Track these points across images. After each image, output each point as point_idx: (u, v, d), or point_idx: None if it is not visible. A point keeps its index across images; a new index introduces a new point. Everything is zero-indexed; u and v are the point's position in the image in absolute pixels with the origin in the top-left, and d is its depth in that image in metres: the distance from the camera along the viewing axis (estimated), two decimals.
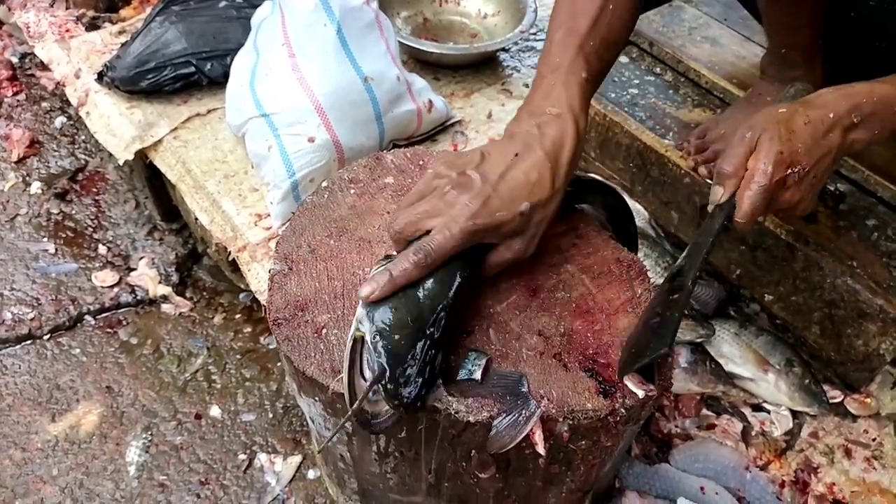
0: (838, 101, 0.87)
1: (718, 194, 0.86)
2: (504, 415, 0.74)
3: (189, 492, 1.36)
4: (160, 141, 1.57)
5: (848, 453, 1.16)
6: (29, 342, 1.58)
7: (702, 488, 1.06)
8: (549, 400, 0.76)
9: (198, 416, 1.48)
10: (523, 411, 0.74)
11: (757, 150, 0.83)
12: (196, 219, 1.52)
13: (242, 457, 1.42)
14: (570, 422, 0.75)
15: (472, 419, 0.75)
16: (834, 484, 1.13)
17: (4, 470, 1.37)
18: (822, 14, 1.12)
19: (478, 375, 0.77)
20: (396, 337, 0.70)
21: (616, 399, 0.76)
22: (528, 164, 0.79)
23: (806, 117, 0.85)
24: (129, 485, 1.37)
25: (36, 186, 1.88)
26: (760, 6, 1.19)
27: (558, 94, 0.85)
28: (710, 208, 0.87)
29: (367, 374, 0.70)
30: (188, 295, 1.71)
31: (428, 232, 0.76)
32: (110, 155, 1.64)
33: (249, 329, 1.64)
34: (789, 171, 0.82)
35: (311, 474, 1.38)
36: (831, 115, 0.85)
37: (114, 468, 1.39)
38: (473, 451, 0.80)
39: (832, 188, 1.25)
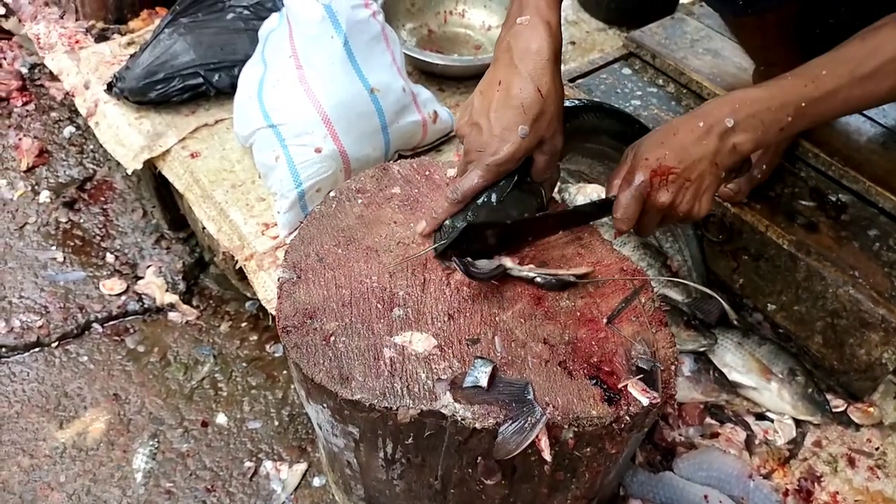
0: (711, 109, 0.91)
1: (606, 193, 0.95)
2: (510, 422, 0.76)
3: (195, 499, 1.37)
4: (168, 151, 1.59)
5: (851, 462, 1.17)
6: (37, 349, 1.59)
7: (705, 497, 1.07)
8: (554, 407, 0.77)
9: (204, 424, 1.49)
10: (529, 418, 0.75)
11: (630, 157, 0.93)
12: (203, 228, 1.54)
13: (248, 464, 1.42)
14: (576, 429, 0.76)
15: (478, 426, 0.76)
16: (837, 493, 1.13)
17: (13, 476, 1.38)
18: (789, 32, 1.14)
19: (484, 383, 0.78)
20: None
21: (620, 406, 0.77)
22: (512, 88, 0.87)
23: (675, 129, 0.92)
24: (135, 492, 1.38)
25: (45, 195, 1.90)
26: (731, 29, 1.21)
27: (526, 3, 0.91)
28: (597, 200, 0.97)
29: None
30: (195, 303, 1.72)
31: None
32: (118, 164, 1.66)
33: (255, 337, 1.65)
34: (654, 174, 0.89)
35: (316, 482, 1.39)
36: (701, 124, 0.90)
37: (121, 475, 1.40)
38: (479, 458, 0.81)
39: (834, 199, 1.26)
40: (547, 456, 0.76)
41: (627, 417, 0.77)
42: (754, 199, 1.25)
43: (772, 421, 1.21)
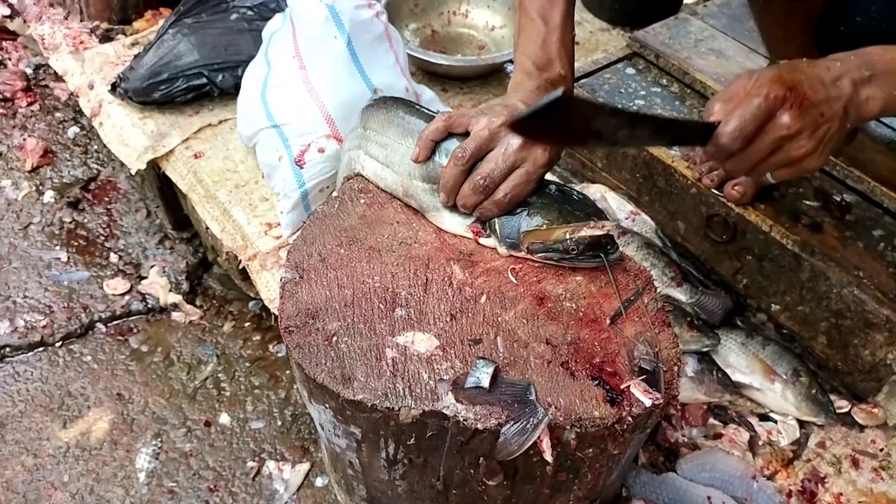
0: (848, 56, 0.85)
1: (708, 112, 0.82)
2: (512, 422, 0.75)
3: (198, 499, 1.37)
4: (172, 151, 1.59)
5: (855, 463, 1.16)
6: (41, 349, 1.60)
7: (709, 498, 1.07)
8: (556, 408, 0.77)
9: (207, 424, 1.49)
10: (531, 419, 0.75)
11: (756, 75, 0.81)
12: (207, 228, 1.54)
13: (251, 464, 1.43)
14: (578, 430, 0.76)
15: (480, 426, 0.75)
16: (841, 494, 1.13)
17: (16, 476, 1.39)
18: (814, 26, 1.13)
19: (486, 383, 0.78)
20: None
21: (623, 407, 0.77)
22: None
23: (812, 65, 0.83)
24: (138, 491, 1.38)
25: (49, 195, 1.91)
26: (755, 19, 1.20)
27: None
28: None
29: None
30: (198, 303, 1.72)
31: None
32: (122, 165, 1.66)
33: (259, 337, 1.66)
34: (790, 92, 0.78)
35: (319, 482, 1.39)
36: (839, 64, 0.83)
37: (124, 475, 1.40)
38: (481, 459, 0.81)
39: (838, 199, 1.26)
40: (549, 457, 0.75)
41: (630, 418, 0.77)
42: (758, 199, 1.25)
43: (775, 422, 1.21)
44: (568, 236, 0.87)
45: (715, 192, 1.26)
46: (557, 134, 0.74)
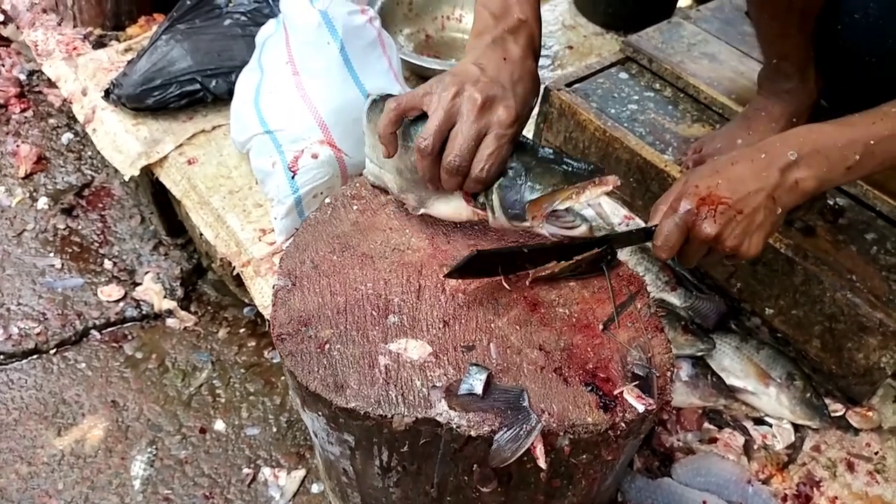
0: (774, 141, 0.88)
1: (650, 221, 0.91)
2: (505, 429, 0.75)
3: None
4: (165, 157, 1.59)
5: (850, 467, 1.16)
6: (35, 356, 1.59)
7: (704, 502, 1.06)
8: (549, 414, 0.77)
9: (202, 431, 1.49)
10: (524, 426, 0.75)
11: (678, 183, 0.90)
12: (201, 234, 1.54)
13: (247, 471, 1.42)
14: (571, 436, 0.76)
15: (473, 433, 0.75)
16: (836, 498, 1.13)
17: (10, 484, 1.38)
18: (811, 24, 1.13)
19: (479, 390, 0.77)
20: None
21: (616, 413, 0.77)
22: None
23: (735, 159, 0.88)
24: (133, 499, 1.37)
25: (43, 202, 1.90)
26: (752, 15, 1.20)
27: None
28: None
29: None
30: (193, 309, 1.72)
31: None
32: (116, 171, 1.66)
33: (253, 343, 1.65)
34: (703, 203, 0.85)
35: (314, 488, 1.39)
36: (762, 156, 0.87)
37: (119, 482, 1.40)
38: (475, 466, 0.81)
39: (832, 202, 1.26)
40: (542, 463, 0.75)
41: (623, 424, 0.76)
42: None
43: (770, 426, 1.21)
44: (574, 197, 0.86)
45: None
46: (489, 273, 0.87)
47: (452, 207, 0.93)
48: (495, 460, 0.76)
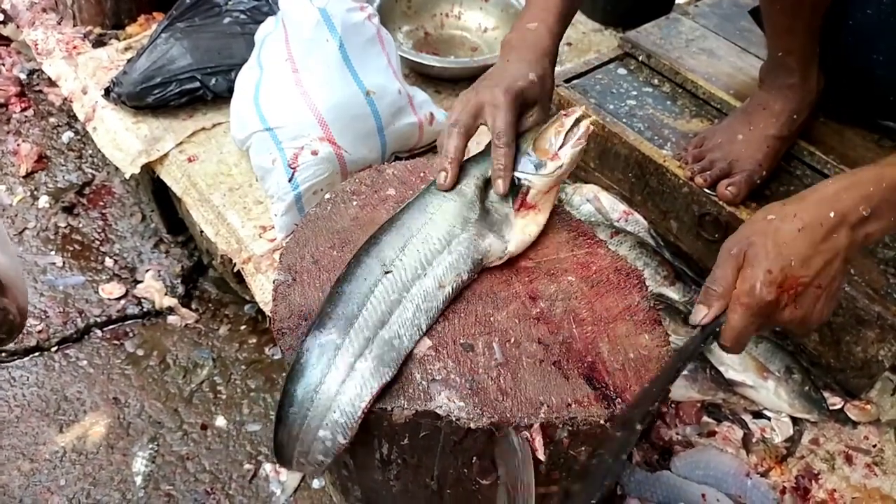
0: (840, 194, 0.78)
1: (700, 314, 0.80)
2: None
3: (195, 502, 1.38)
4: (166, 155, 1.60)
5: (849, 459, 1.17)
6: (37, 354, 1.60)
7: (703, 495, 1.07)
8: (548, 407, 0.77)
9: (203, 427, 1.50)
10: None
11: (744, 268, 0.77)
12: (201, 231, 1.54)
13: (248, 466, 1.43)
14: (570, 428, 0.77)
15: (473, 426, 0.76)
16: (835, 490, 1.13)
17: (13, 480, 1.39)
18: (819, 20, 1.13)
19: None
20: None
21: (615, 405, 0.77)
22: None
23: (800, 223, 0.77)
24: (135, 495, 1.38)
25: (44, 200, 1.91)
26: (762, 8, 1.20)
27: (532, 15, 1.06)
28: (691, 325, 0.82)
29: None
30: (194, 307, 1.73)
31: None
32: (117, 169, 1.67)
33: (254, 340, 1.66)
34: (782, 291, 0.75)
35: (315, 484, 1.39)
36: (832, 215, 0.76)
37: (120, 478, 1.40)
38: (475, 458, 0.81)
39: None
40: (541, 455, 0.76)
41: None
42: (750, 198, 1.25)
43: (769, 419, 1.21)
44: (556, 131, 0.93)
45: (707, 191, 1.27)
46: None
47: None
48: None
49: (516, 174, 0.93)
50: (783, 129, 1.23)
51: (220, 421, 1.51)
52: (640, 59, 1.56)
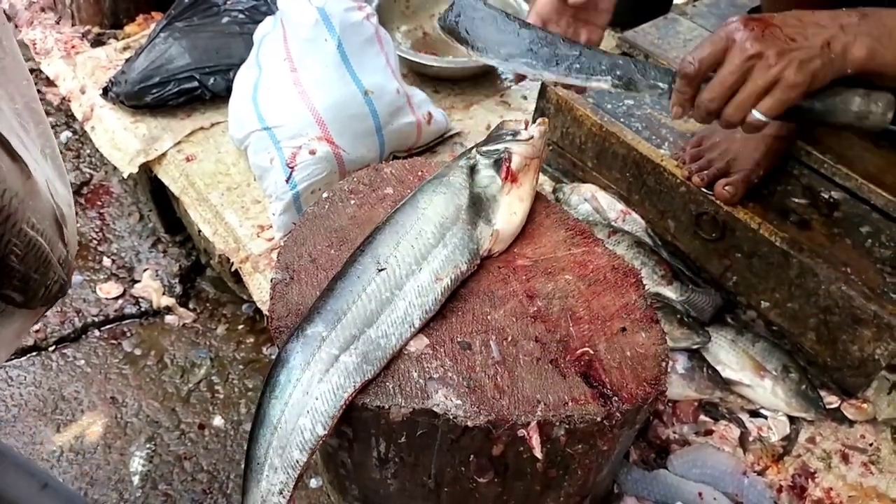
0: (839, 10, 0.83)
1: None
2: None
3: (192, 501, 1.38)
4: (164, 154, 1.60)
5: (845, 458, 1.17)
6: (34, 354, 1.60)
7: (700, 494, 1.07)
8: (545, 405, 0.77)
9: (201, 427, 1.50)
10: None
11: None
12: (199, 231, 1.54)
13: None
14: (567, 426, 0.77)
15: (470, 424, 0.76)
16: (831, 489, 1.13)
17: None
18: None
19: None
20: None
21: (612, 403, 0.78)
22: None
23: (796, 13, 0.83)
24: (133, 494, 1.38)
25: None
26: (763, 8, 1.20)
27: None
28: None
29: None
30: (191, 306, 1.73)
31: None
32: (115, 168, 1.66)
33: (252, 340, 1.66)
34: (752, 23, 0.80)
35: (313, 483, 1.39)
36: (826, 15, 0.82)
37: (118, 478, 1.40)
38: (472, 456, 0.81)
39: (826, 196, 1.27)
40: (538, 453, 0.76)
41: (619, 414, 0.77)
42: (747, 197, 1.26)
43: (766, 418, 1.21)
44: (515, 122, 1.03)
45: (704, 191, 1.27)
46: None
47: None
48: None
49: (496, 146, 0.97)
50: (781, 128, 1.23)
51: (218, 420, 1.51)
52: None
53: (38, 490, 0.93)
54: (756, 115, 0.84)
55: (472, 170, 0.95)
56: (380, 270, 0.84)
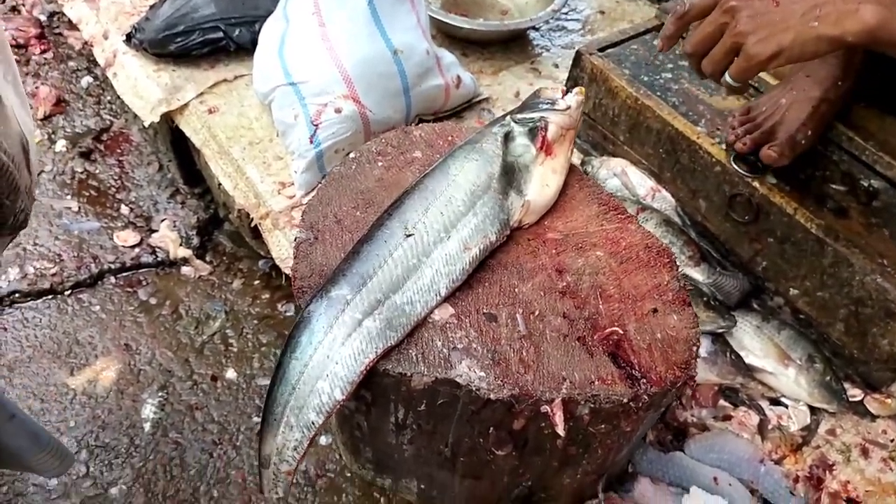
0: None
1: None
2: None
3: (202, 451, 1.38)
4: (186, 105, 1.57)
5: (865, 452, 1.15)
6: (50, 297, 1.60)
7: (715, 479, 1.06)
8: (571, 382, 0.75)
9: (213, 378, 1.50)
10: None
11: None
12: (219, 184, 1.52)
13: (256, 419, 1.43)
14: (592, 405, 0.75)
15: (493, 397, 0.74)
16: (848, 482, 1.12)
17: None
18: None
19: None
20: None
21: (640, 385, 0.76)
22: None
23: None
24: (143, 440, 1.39)
25: (61, 144, 1.89)
26: None
27: None
28: None
29: None
30: (208, 259, 1.72)
31: None
32: (136, 116, 1.64)
33: (268, 295, 1.65)
34: None
35: (322, 440, 1.39)
36: None
37: (129, 423, 1.41)
38: (491, 429, 0.80)
39: (866, 184, 1.22)
40: (560, 430, 0.74)
41: (646, 396, 0.75)
42: (784, 180, 1.22)
43: (786, 406, 1.19)
44: (552, 90, 1.01)
45: (741, 171, 1.23)
46: None
47: None
48: None
49: (532, 115, 0.94)
50: (828, 92, 1.18)
51: (231, 373, 1.51)
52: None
53: (5, 420, 0.93)
54: (725, 76, 0.85)
55: (507, 137, 0.92)
56: (407, 236, 0.81)
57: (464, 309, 0.82)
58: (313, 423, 0.75)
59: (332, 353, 0.75)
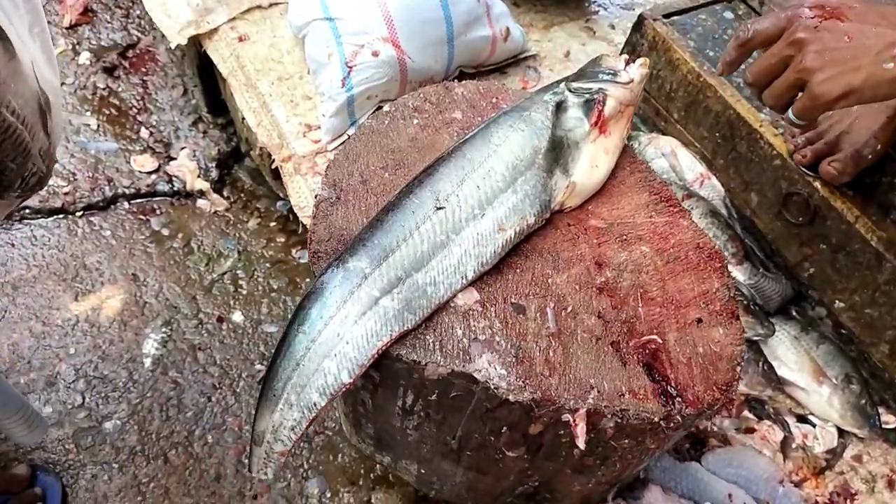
0: None
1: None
2: None
3: (201, 393, 1.35)
4: (216, 29, 1.47)
5: (891, 485, 1.09)
6: (61, 216, 1.55)
7: (730, 495, 1.00)
8: (599, 392, 0.69)
9: (220, 319, 1.45)
10: None
11: None
12: (243, 118, 1.44)
13: (259, 367, 1.39)
14: (618, 419, 0.69)
15: (512, 398, 0.68)
16: None
17: (24, 340, 1.36)
18: None
19: None
20: None
21: (674, 404, 0.69)
22: None
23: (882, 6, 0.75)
24: (142, 376, 1.35)
25: (85, 56, 1.81)
26: None
27: None
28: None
29: None
30: (225, 194, 1.65)
31: None
32: (163, 36, 1.55)
33: (283, 239, 1.59)
34: (815, 9, 0.74)
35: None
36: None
37: (129, 357, 1.38)
38: (505, 429, 0.74)
39: None
40: (581, 443, 0.68)
41: (679, 417, 0.68)
42: (848, 184, 1.12)
43: (813, 426, 1.13)
44: (615, 60, 0.90)
45: (803, 169, 1.13)
46: None
47: None
48: None
49: (590, 84, 0.86)
50: None
51: (238, 316, 1.46)
52: (751, 4, 1.38)
53: None
54: (788, 113, 0.80)
55: (558, 108, 0.83)
56: (438, 209, 0.74)
57: (490, 296, 0.74)
58: (315, 405, 0.69)
59: (343, 331, 0.69)
